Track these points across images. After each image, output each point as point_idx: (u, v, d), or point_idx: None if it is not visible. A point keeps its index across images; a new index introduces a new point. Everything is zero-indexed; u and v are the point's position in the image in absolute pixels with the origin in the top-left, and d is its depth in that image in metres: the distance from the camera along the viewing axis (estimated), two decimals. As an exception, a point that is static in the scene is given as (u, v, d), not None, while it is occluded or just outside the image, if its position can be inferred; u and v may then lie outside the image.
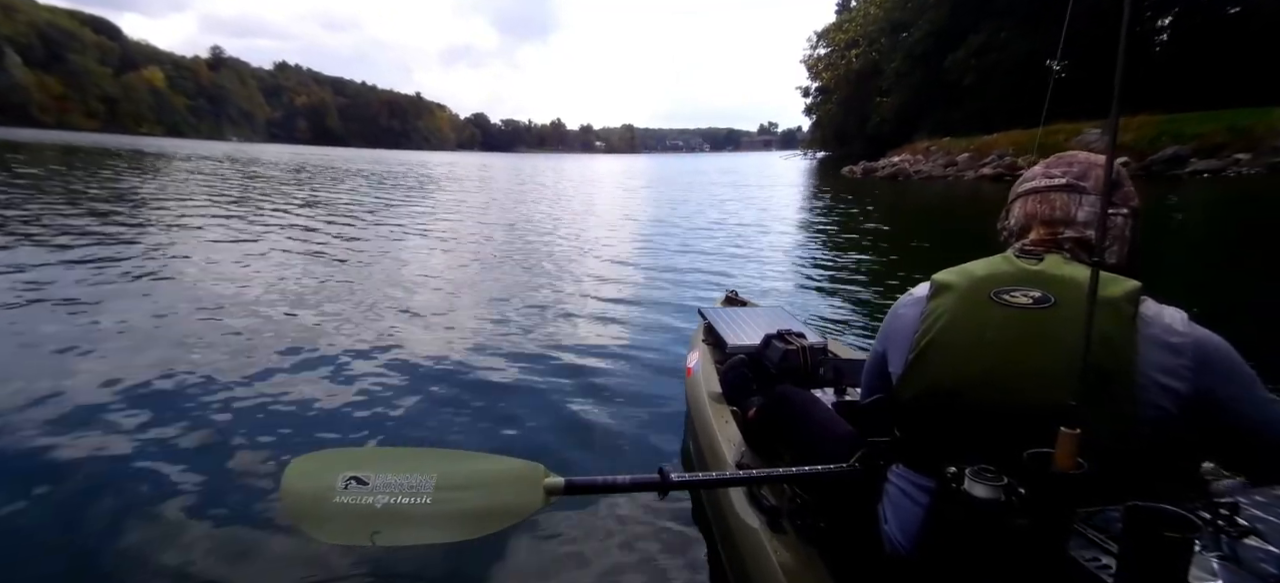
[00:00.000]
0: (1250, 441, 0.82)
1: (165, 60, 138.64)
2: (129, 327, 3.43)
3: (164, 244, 6.20)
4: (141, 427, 2.26)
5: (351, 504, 0.99)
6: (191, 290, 4.35)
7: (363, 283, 4.86)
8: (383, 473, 1.03)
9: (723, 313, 2.42)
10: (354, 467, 1.04)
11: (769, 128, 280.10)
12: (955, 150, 23.64)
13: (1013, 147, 20.65)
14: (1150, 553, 0.61)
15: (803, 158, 55.59)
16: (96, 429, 2.22)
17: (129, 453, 2.07)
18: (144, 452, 2.08)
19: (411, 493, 1.01)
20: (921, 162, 24.64)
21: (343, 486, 1.01)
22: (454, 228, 8.95)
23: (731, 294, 2.95)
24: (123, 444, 2.13)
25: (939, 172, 22.63)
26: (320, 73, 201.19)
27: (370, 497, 1.00)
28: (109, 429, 2.23)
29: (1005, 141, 21.39)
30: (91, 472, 1.95)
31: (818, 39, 47.94)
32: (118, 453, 2.07)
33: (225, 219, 8.38)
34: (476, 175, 26.65)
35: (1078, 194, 0.96)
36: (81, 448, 2.08)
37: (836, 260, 6.78)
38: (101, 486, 1.87)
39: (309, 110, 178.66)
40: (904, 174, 23.86)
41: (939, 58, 29.57)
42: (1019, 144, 20.52)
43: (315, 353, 3.12)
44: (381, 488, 1.01)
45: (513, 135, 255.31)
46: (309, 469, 1.06)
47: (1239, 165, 15.10)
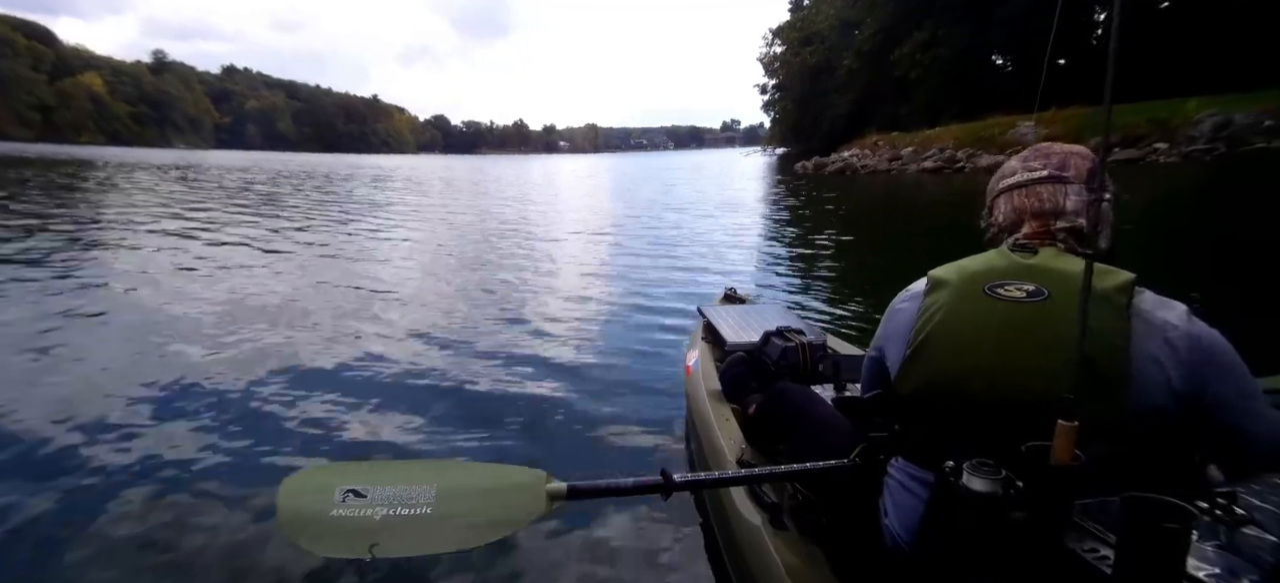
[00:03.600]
0: (1240, 445, 0.82)
1: (104, 65, 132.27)
2: (102, 344, 3.32)
3: (126, 258, 6.05)
4: (129, 447, 2.21)
5: (350, 517, 0.97)
6: (164, 305, 4.19)
7: (346, 294, 4.75)
8: (381, 485, 1.01)
9: (722, 311, 2.43)
10: (351, 480, 1.02)
11: (732, 125, 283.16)
12: (900, 145, 24.56)
13: (953, 140, 21.60)
14: (1148, 543, 0.62)
15: (762, 154, 56.48)
16: (81, 450, 2.18)
17: (117, 474, 2.03)
18: (132, 472, 2.04)
19: (411, 504, 0.99)
20: (868, 156, 25.50)
21: (340, 499, 0.99)
22: (430, 235, 8.85)
23: (730, 292, 2.96)
24: (110, 465, 2.08)
25: (884, 166, 23.48)
26: (271, 76, 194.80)
27: (369, 509, 0.98)
28: (94, 449, 2.19)
29: (946, 136, 22.35)
30: (78, 493, 1.92)
31: (773, 37, 48.88)
32: (105, 474, 2.03)
33: (193, 230, 8.17)
34: (439, 178, 26.32)
35: (1062, 184, 0.97)
36: (68, 471, 2.04)
37: (779, 248, 7.17)
38: (90, 506, 1.84)
39: (260, 115, 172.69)
40: (852, 169, 24.71)
41: (887, 54, 30.57)
42: (958, 138, 21.49)
43: (306, 367, 3.06)
44: (380, 500, 0.99)
45: (475, 137, 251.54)
46: (305, 484, 1.05)
47: (1157, 154, 16.16)
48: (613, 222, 10.79)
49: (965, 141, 20.85)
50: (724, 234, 8.78)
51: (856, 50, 34.29)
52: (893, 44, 30.04)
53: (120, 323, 3.83)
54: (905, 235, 8.77)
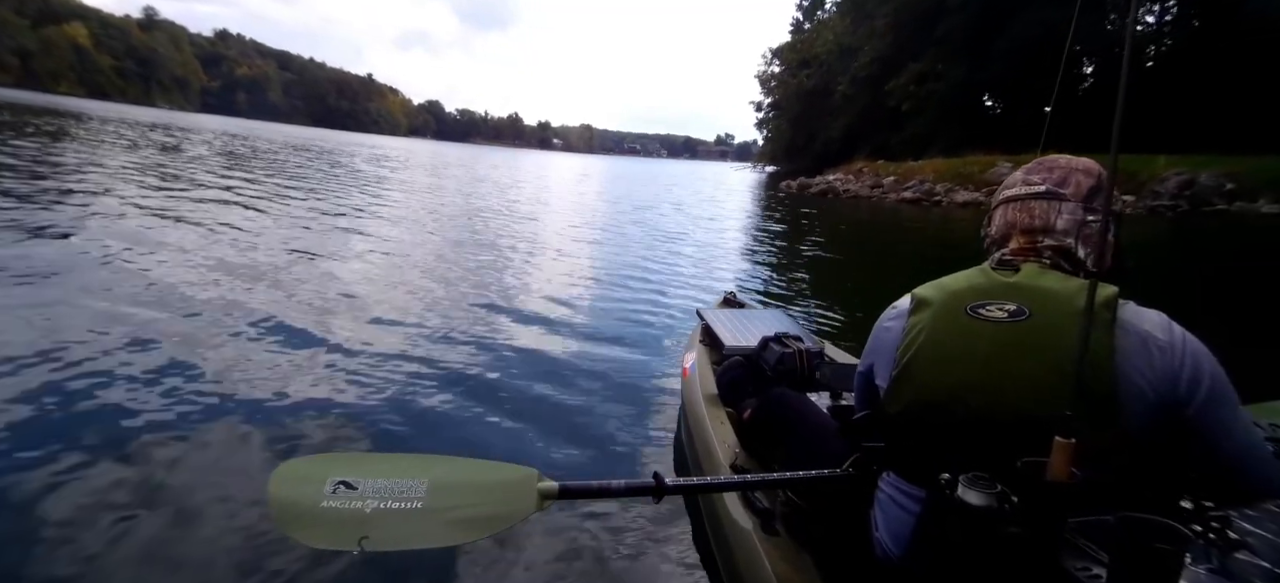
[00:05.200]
0: (1220, 462, 0.82)
1: (91, 16, 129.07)
2: (81, 315, 3.16)
3: (105, 222, 5.75)
4: (109, 433, 2.11)
5: (340, 509, 0.97)
6: (148, 284, 3.91)
7: (341, 283, 4.57)
8: (373, 477, 1.02)
9: (720, 314, 2.44)
10: (343, 471, 1.02)
11: (725, 139, 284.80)
12: (883, 173, 25.04)
13: (933, 174, 22.08)
14: (1141, 564, 0.63)
15: (752, 171, 57.14)
16: (63, 433, 2.08)
17: (98, 461, 1.95)
18: (113, 459, 1.97)
19: (402, 498, 1.00)
20: (851, 181, 25.98)
21: (331, 490, 0.99)
22: (427, 225, 8.61)
23: (729, 296, 2.95)
24: (94, 447, 2.01)
25: (866, 192, 23.94)
26: (265, 45, 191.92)
27: (359, 501, 0.98)
28: (76, 432, 2.10)
29: (928, 169, 22.84)
30: (61, 479, 1.84)
31: (772, 56, 49.45)
32: (89, 457, 1.95)
33: (181, 198, 7.90)
34: (429, 162, 26.28)
35: (1057, 201, 0.96)
36: (49, 455, 1.95)
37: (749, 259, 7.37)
38: (74, 492, 1.78)
39: (250, 82, 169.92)
40: (834, 192, 25.16)
41: (883, 84, 31.13)
42: (939, 172, 21.99)
43: (298, 354, 2.98)
44: (371, 492, 0.99)
45: (468, 126, 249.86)
46: (296, 473, 1.05)
47: (1124, 206, 16.74)
48: (612, 222, 10.92)
49: (945, 176, 21.35)
50: (693, 243, 8.98)
51: (852, 77, 34.87)
52: (889, 74, 30.62)
53: (96, 294, 3.59)
54: (862, 254, 9.05)
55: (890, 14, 31.43)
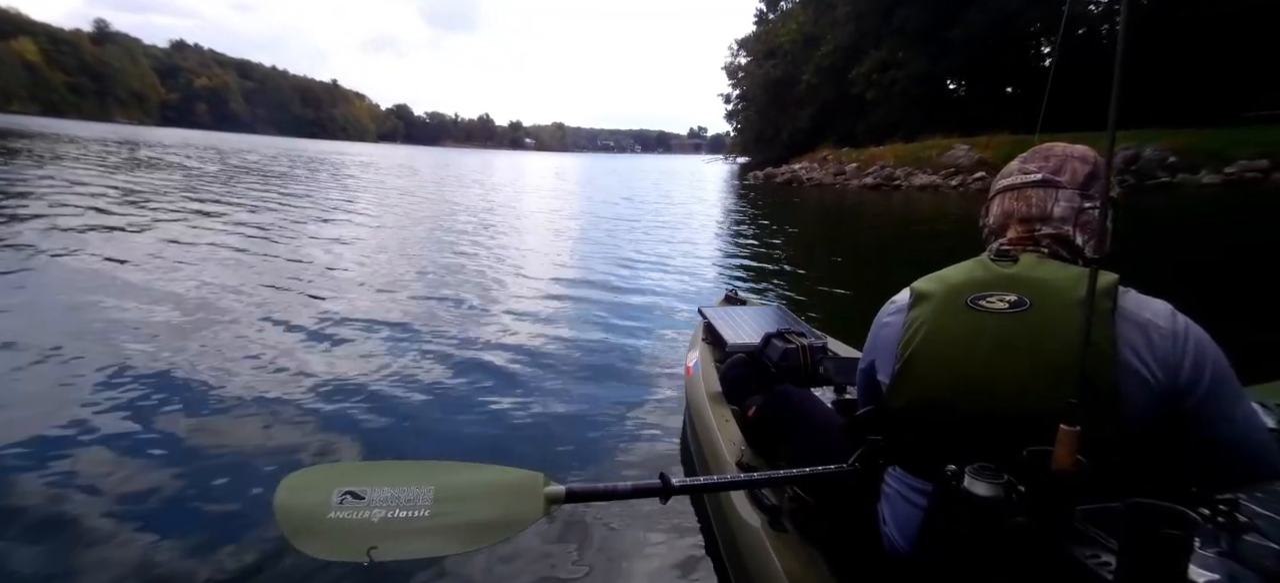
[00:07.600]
0: (1222, 447, 0.82)
1: (40, 31, 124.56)
2: (80, 333, 3.19)
3: (97, 243, 5.77)
4: (116, 445, 2.16)
5: (347, 519, 0.97)
6: (148, 303, 3.94)
7: (341, 292, 4.60)
8: (379, 486, 1.01)
9: (722, 312, 2.45)
10: (349, 481, 1.02)
11: (698, 132, 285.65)
12: (846, 161, 25.65)
13: (893, 158, 22.71)
14: (1150, 550, 0.62)
15: (724, 162, 57.51)
16: (71, 447, 2.13)
17: (104, 473, 1.98)
18: (119, 472, 2.00)
19: (409, 506, 0.99)
20: (815, 169, 26.57)
21: (338, 500, 0.99)
22: (414, 229, 8.68)
23: (731, 293, 2.96)
24: (101, 463, 2.04)
25: (829, 179, 24.54)
26: (224, 55, 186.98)
27: (366, 511, 0.98)
28: (83, 447, 2.14)
29: (888, 154, 23.48)
30: (67, 493, 1.88)
31: (738, 48, 49.85)
32: (97, 472, 1.99)
33: (171, 213, 7.89)
34: (402, 168, 25.97)
35: (1053, 189, 0.96)
36: (58, 469, 2.00)
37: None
38: (80, 507, 1.81)
39: (210, 93, 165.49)
40: (798, 180, 25.74)
41: (847, 72, 31.66)
42: (898, 156, 22.63)
43: (301, 366, 3.00)
44: (378, 502, 0.99)
45: (438, 129, 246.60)
46: (302, 484, 1.05)
47: (1120, 193, 17.39)
48: (610, 222, 11.07)
49: (904, 161, 21.96)
50: (668, 241, 9.20)
51: (816, 66, 35.35)
52: (852, 62, 31.12)
53: (96, 315, 3.63)
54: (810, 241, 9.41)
55: (850, 2, 31.96)
